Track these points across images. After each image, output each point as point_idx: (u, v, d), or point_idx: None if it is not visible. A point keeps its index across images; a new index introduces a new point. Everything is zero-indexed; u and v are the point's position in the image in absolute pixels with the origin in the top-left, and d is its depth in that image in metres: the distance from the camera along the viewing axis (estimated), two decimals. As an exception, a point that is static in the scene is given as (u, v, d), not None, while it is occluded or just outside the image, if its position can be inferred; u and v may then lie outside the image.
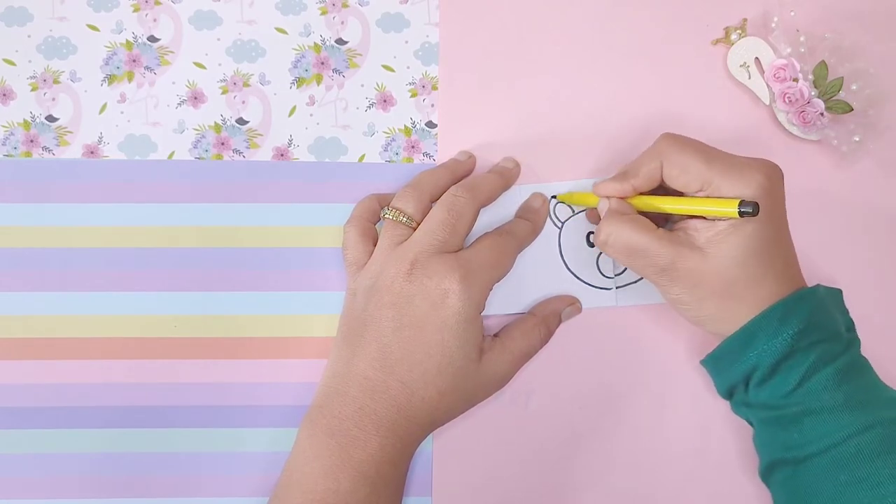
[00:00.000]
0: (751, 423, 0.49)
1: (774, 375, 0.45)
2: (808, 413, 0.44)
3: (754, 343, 0.45)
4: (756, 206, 0.43)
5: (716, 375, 0.49)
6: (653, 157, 0.47)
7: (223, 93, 0.54)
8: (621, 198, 0.48)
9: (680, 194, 0.48)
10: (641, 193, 0.48)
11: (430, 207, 0.49)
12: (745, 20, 0.54)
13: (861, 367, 0.46)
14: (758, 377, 0.46)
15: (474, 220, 0.49)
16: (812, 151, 0.54)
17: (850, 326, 0.47)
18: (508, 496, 0.52)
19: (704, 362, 0.50)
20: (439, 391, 0.46)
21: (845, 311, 0.48)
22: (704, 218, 0.46)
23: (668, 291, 0.47)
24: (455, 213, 0.48)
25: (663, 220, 0.50)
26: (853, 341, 0.46)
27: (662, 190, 0.48)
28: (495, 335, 0.50)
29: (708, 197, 0.46)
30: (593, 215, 0.52)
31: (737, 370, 0.46)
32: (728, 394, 0.49)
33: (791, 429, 0.45)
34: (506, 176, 0.52)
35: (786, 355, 0.44)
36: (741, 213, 0.44)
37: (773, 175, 0.46)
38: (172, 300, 0.52)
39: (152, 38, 0.54)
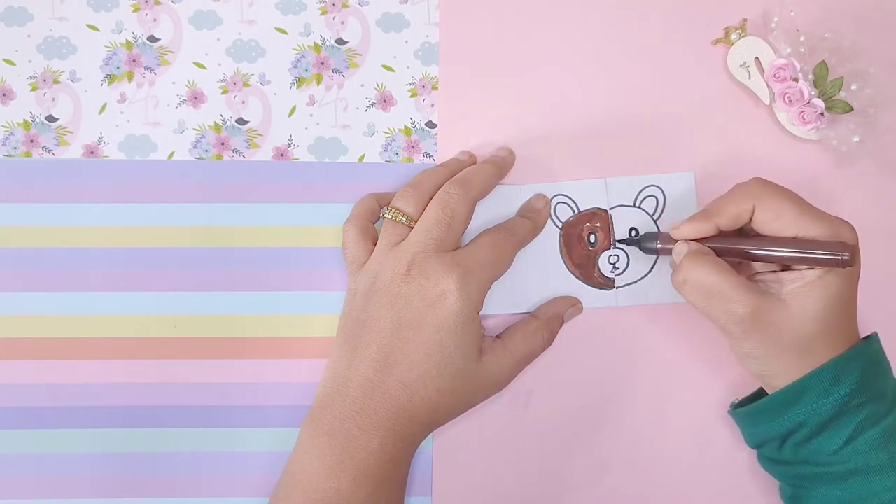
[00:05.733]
0: (780, 479, 0.49)
1: (821, 434, 0.44)
2: (855, 472, 0.44)
3: (803, 401, 0.45)
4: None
5: (749, 427, 0.48)
6: (744, 198, 0.46)
7: (223, 93, 0.54)
8: (706, 238, 0.47)
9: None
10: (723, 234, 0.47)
11: (431, 207, 0.49)
12: (745, 20, 0.54)
13: None
14: (802, 435, 0.45)
15: (470, 215, 0.49)
16: (812, 151, 0.54)
17: (893, 376, 0.47)
18: (508, 496, 0.52)
19: (736, 414, 0.49)
20: (439, 391, 0.46)
21: (887, 359, 0.47)
22: (793, 269, 0.45)
23: (741, 344, 0.46)
24: (449, 211, 0.48)
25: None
26: None
27: (740, 232, 0.47)
28: (497, 336, 0.50)
29: (799, 238, 0.45)
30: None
31: (778, 425, 0.46)
32: (758, 446, 0.49)
33: (834, 487, 0.45)
34: (499, 165, 0.52)
35: (835, 415, 0.44)
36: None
37: (855, 234, 0.45)
38: (172, 300, 0.52)
39: (152, 38, 0.54)
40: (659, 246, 0.49)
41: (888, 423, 0.44)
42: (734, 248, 0.46)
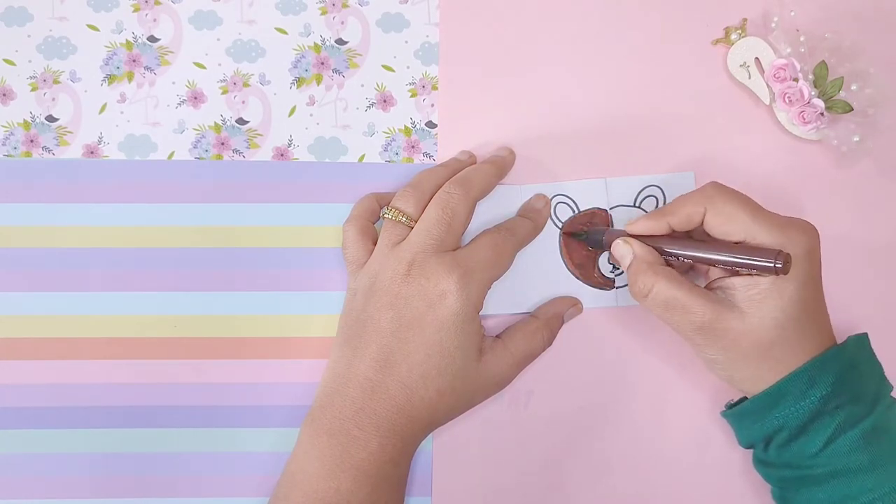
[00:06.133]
0: (768, 481, 0.49)
1: (800, 437, 0.45)
2: (835, 475, 0.44)
3: (781, 404, 0.45)
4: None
5: (738, 429, 0.49)
6: (697, 201, 0.46)
7: (223, 93, 0.54)
8: (654, 236, 0.47)
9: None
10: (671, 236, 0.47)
11: (430, 207, 0.49)
12: (745, 20, 0.54)
13: (887, 427, 0.45)
14: (782, 438, 0.45)
15: (470, 215, 0.49)
16: (812, 151, 0.54)
17: (881, 377, 0.46)
18: (508, 496, 0.52)
19: (726, 415, 0.49)
20: (439, 391, 0.46)
21: (874, 361, 0.47)
22: (740, 274, 0.45)
23: (702, 351, 0.46)
24: (450, 211, 0.48)
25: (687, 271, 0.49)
26: (880, 398, 0.45)
27: (691, 236, 0.48)
28: (497, 336, 0.50)
29: (733, 243, 0.45)
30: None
31: (760, 429, 0.46)
32: (748, 447, 0.49)
33: (816, 489, 0.45)
34: (499, 164, 0.52)
35: (812, 417, 0.44)
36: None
37: (814, 238, 0.45)
38: (172, 300, 0.52)
39: (152, 38, 0.54)
40: (605, 238, 0.50)
41: (867, 424, 0.44)
42: (674, 251, 0.47)
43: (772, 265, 0.43)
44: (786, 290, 0.44)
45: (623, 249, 0.48)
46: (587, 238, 0.52)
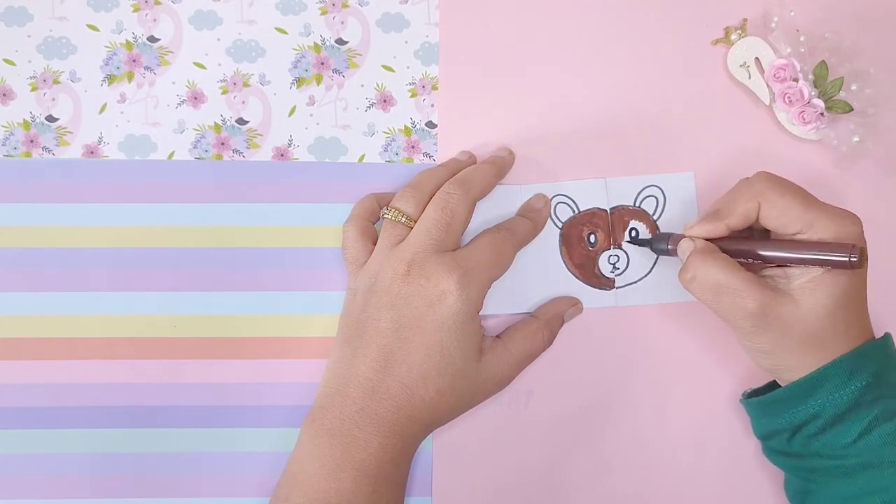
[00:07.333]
0: (789, 472, 0.49)
1: (835, 426, 0.44)
2: (867, 466, 0.44)
3: (819, 392, 0.45)
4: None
5: (760, 417, 0.48)
6: (750, 196, 0.46)
7: (223, 93, 0.54)
8: (716, 238, 0.47)
9: (766, 233, 0.47)
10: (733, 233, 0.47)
11: (430, 207, 0.49)
12: (745, 20, 0.54)
13: None
14: (816, 426, 0.45)
15: (470, 215, 0.49)
16: (812, 151, 0.54)
17: None
18: (508, 496, 0.52)
19: (748, 403, 0.49)
20: (439, 391, 0.46)
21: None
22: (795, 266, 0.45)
23: (753, 340, 0.46)
24: (449, 211, 0.48)
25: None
26: None
27: (749, 230, 0.48)
28: (497, 336, 0.50)
29: (807, 240, 0.45)
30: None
31: (791, 416, 0.46)
32: (766, 437, 0.48)
33: (846, 480, 0.45)
34: (499, 165, 0.52)
35: (850, 407, 0.44)
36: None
37: (860, 226, 0.45)
38: (172, 300, 0.52)
39: (152, 38, 0.54)
40: (670, 247, 0.49)
41: None
42: (743, 249, 0.46)
43: (846, 259, 0.43)
44: (838, 279, 0.44)
45: (686, 245, 0.47)
46: (652, 246, 0.51)
